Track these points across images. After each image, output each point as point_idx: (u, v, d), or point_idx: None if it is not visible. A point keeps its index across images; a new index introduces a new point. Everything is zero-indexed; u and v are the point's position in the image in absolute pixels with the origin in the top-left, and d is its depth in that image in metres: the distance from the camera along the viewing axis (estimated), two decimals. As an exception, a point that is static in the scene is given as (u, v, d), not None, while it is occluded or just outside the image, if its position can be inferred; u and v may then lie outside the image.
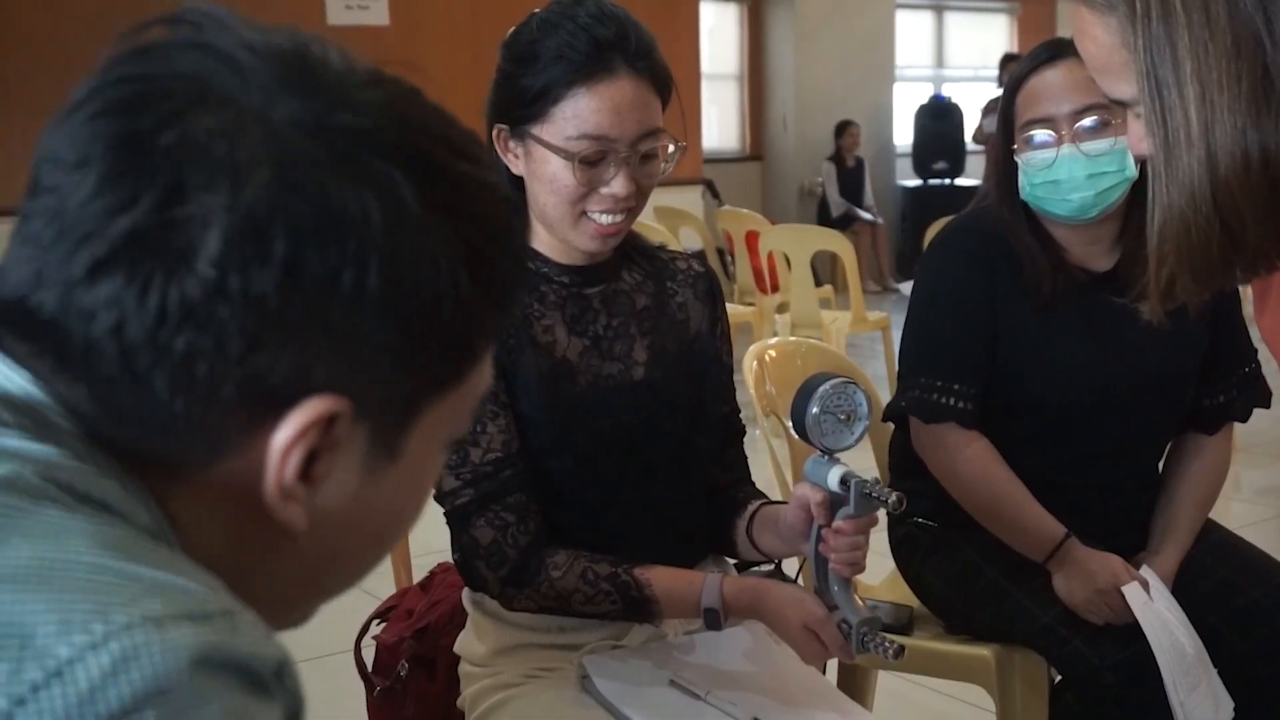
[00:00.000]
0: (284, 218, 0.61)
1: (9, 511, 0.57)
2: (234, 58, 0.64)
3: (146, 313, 0.60)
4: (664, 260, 1.78)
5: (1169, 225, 1.07)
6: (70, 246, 0.61)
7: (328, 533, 0.68)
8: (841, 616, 1.54)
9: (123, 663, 0.52)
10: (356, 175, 0.63)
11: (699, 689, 1.60)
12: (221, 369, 0.61)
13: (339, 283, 0.62)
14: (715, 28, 11.06)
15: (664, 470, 1.68)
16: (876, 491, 1.49)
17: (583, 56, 1.53)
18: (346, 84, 0.66)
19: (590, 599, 1.59)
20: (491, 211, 0.69)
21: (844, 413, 1.55)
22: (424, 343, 0.66)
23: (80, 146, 0.62)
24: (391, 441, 0.68)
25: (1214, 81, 1.01)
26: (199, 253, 0.60)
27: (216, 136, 0.61)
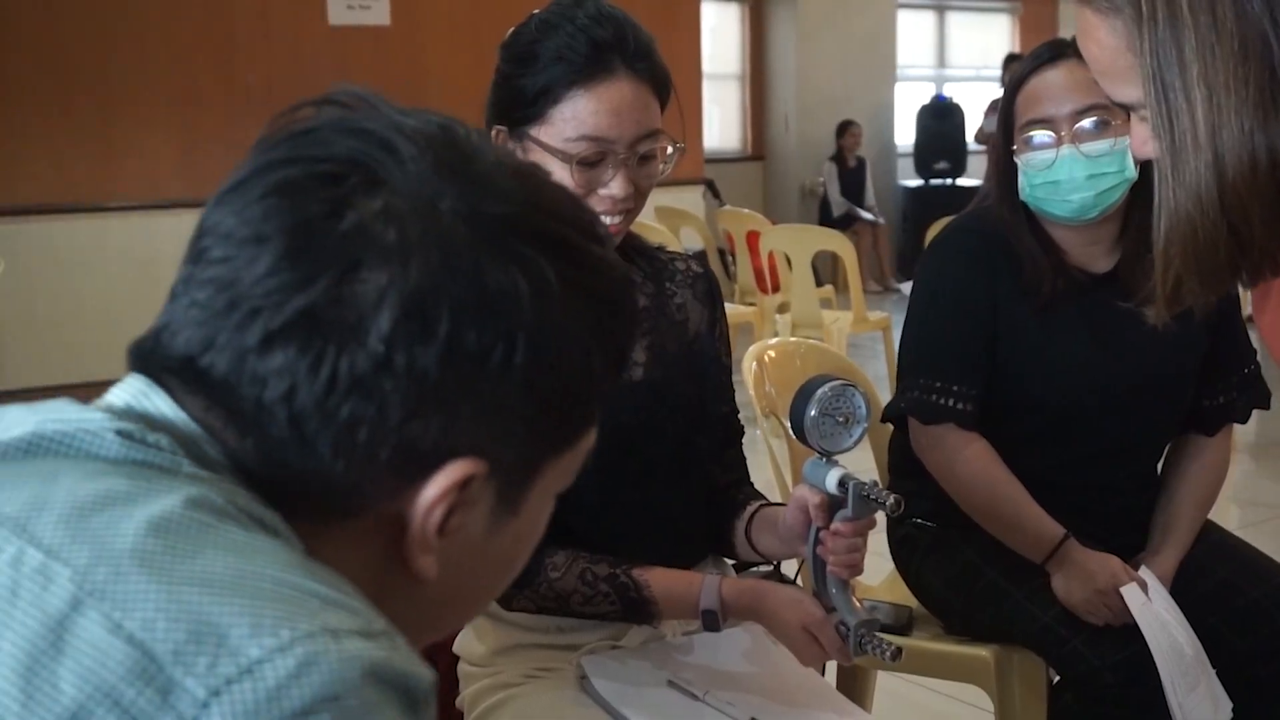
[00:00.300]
0: (447, 298, 0.66)
1: (202, 526, 0.63)
2: (390, 142, 0.69)
3: (317, 383, 0.65)
4: (663, 261, 1.78)
5: (1176, 229, 1.07)
6: (244, 317, 0.66)
7: (450, 578, 0.74)
8: (839, 618, 1.54)
9: (305, 667, 0.57)
10: (507, 258, 0.68)
11: (697, 689, 1.61)
12: (380, 435, 0.67)
13: (490, 358, 0.67)
14: (717, 27, 11.06)
15: (663, 471, 1.68)
16: (875, 494, 1.49)
17: (581, 58, 1.53)
18: (496, 174, 0.71)
19: (589, 600, 1.59)
20: (616, 289, 0.75)
21: (842, 415, 1.55)
22: (555, 411, 0.72)
23: (253, 224, 0.67)
24: (515, 498, 0.74)
25: (1221, 84, 1.01)
26: (370, 330, 0.65)
27: (387, 222, 0.67)
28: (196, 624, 0.58)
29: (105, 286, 6.81)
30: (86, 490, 0.64)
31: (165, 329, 0.70)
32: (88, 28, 6.79)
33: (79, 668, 0.57)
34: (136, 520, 0.62)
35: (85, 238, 6.78)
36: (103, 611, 0.59)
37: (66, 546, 0.61)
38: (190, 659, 0.57)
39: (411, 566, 0.71)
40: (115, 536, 0.62)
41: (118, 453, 0.67)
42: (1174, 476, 2.18)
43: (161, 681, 0.57)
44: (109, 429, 0.67)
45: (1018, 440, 2.10)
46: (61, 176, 6.76)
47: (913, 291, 2.22)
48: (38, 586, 0.60)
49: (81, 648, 0.58)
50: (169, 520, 0.63)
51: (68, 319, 6.74)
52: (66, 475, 0.65)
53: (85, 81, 6.77)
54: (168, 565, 0.61)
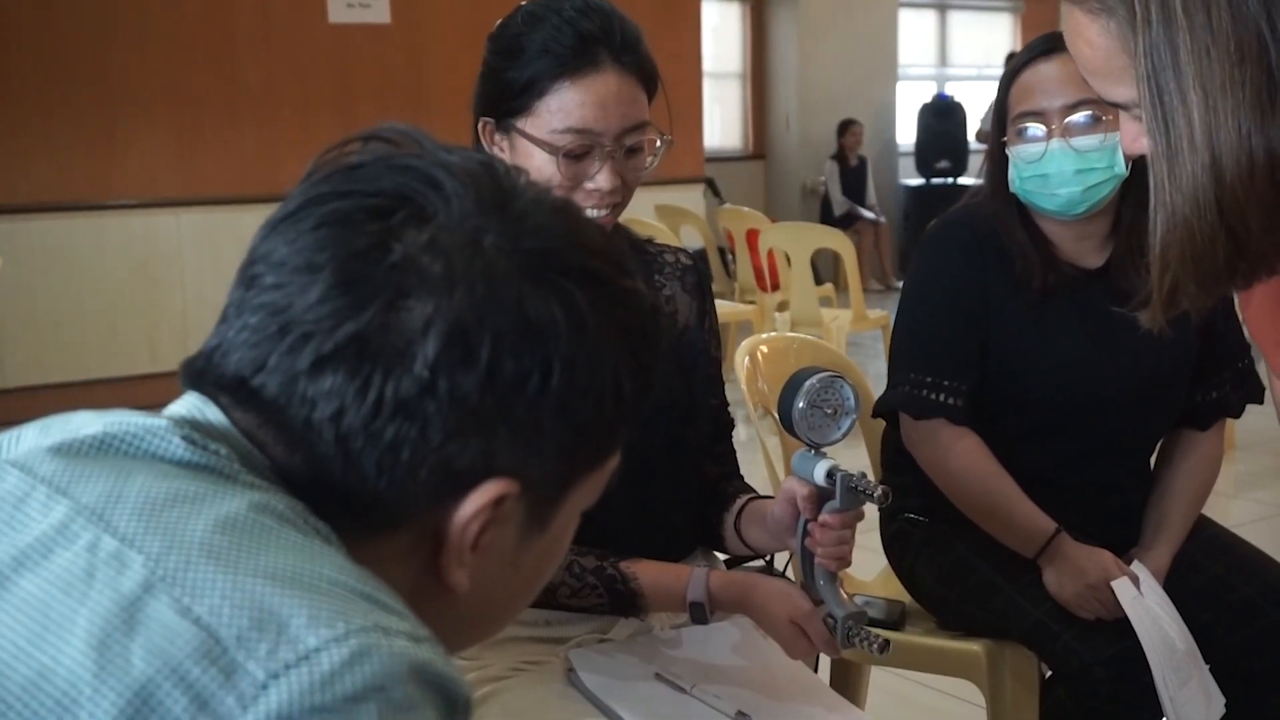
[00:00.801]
0: (489, 327, 0.70)
1: (265, 528, 0.68)
2: (435, 178, 0.74)
3: (364, 405, 0.70)
4: (652, 253, 1.78)
5: (1173, 232, 1.07)
6: (295, 340, 0.70)
7: (480, 592, 0.78)
8: (827, 611, 1.54)
9: (358, 657, 0.62)
10: (546, 290, 0.72)
11: (685, 683, 1.60)
12: (421, 455, 0.71)
13: (527, 384, 0.71)
14: (718, 26, 11.07)
15: (652, 464, 1.68)
16: (863, 485, 1.49)
17: (567, 50, 1.53)
18: (535, 211, 0.75)
19: (576, 592, 1.59)
20: (646, 320, 0.79)
21: (831, 407, 1.55)
22: (586, 434, 0.76)
23: (305, 253, 0.72)
24: (544, 515, 0.78)
25: (1217, 87, 1.00)
26: (416, 356, 0.69)
27: (434, 255, 0.71)
28: (260, 612, 0.63)
29: (105, 285, 6.81)
30: (159, 488, 0.69)
31: (217, 350, 0.74)
32: (87, 26, 6.79)
33: (150, 644, 0.62)
34: (205, 518, 0.67)
35: (84, 236, 6.78)
36: (173, 596, 0.63)
37: (140, 536, 0.66)
38: (253, 644, 0.62)
39: (446, 580, 0.75)
40: (186, 530, 0.66)
41: (182, 455, 0.71)
42: (1167, 472, 2.18)
43: (225, 662, 0.61)
44: (174, 433, 0.72)
45: (1012, 437, 2.10)
46: (61, 175, 6.76)
47: (905, 286, 2.22)
48: (113, 570, 0.65)
49: (153, 627, 0.62)
50: (235, 520, 0.67)
51: (67, 317, 6.74)
52: (140, 473, 0.70)
53: (85, 80, 6.76)
54: (234, 558, 0.65)
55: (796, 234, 6.40)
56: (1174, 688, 1.91)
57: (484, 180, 0.75)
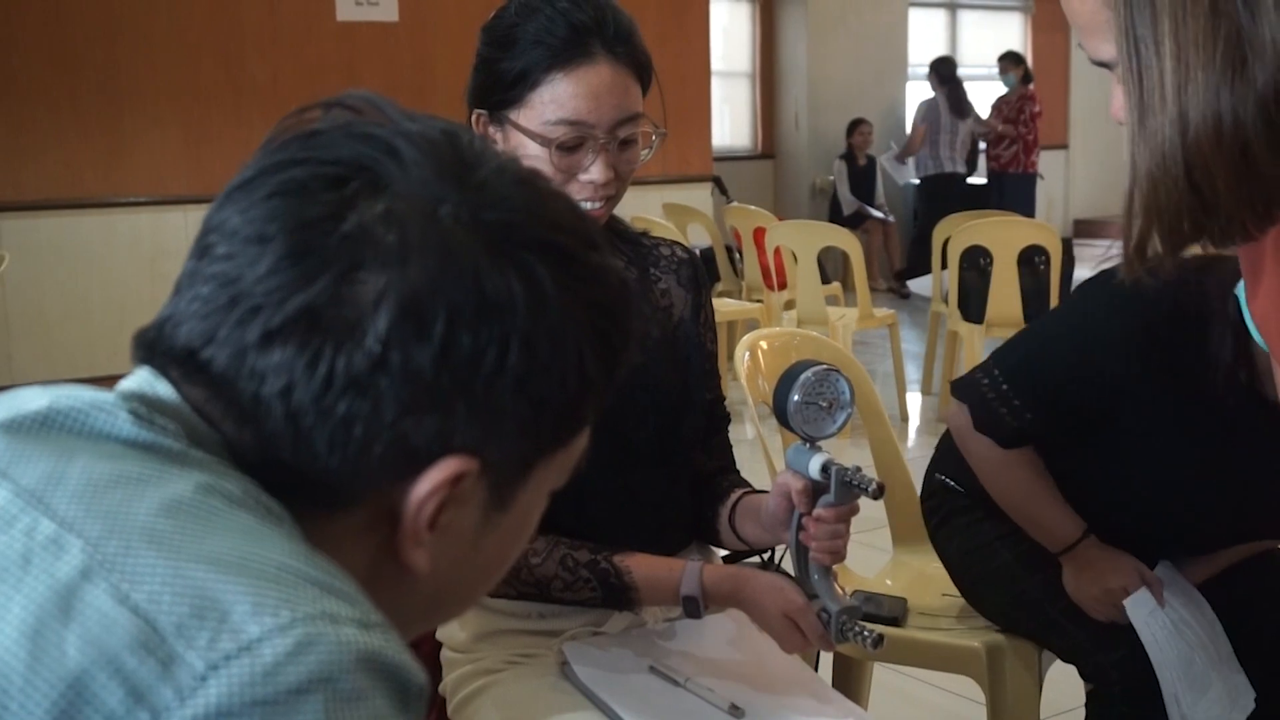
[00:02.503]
0: (444, 301, 0.68)
1: (212, 510, 0.65)
2: (394, 147, 0.71)
3: (314, 380, 0.67)
4: (647, 246, 1.77)
5: (1138, 185, 1.07)
6: (245, 313, 0.68)
7: (442, 573, 0.75)
8: (821, 605, 1.53)
9: (302, 647, 0.59)
10: (505, 264, 0.70)
11: (679, 676, 1.60)
12: (375, 432, 0.68)
13: (484, 360, 0.69)
14: (728, 26, 11.06)
15: (646, 457, 1.68)
16: (858, 480, 1.48)
17: (560, 41, 1.52)
18: (497, 181, 0.73)
19: (569, 585, 1.58)
20: (615, 296, 0.76)
21: (826, 400, 1.54)
22: (548, 412, 0.73)
23: (257, 223, 0.69)
24: (507, 495, 0.75)
25: (1190, 40, 1.00)
26: (368, 330, 0.67)
27: (388, 225, 0.68)
28: (201, 600, 0.60)
29: (113, 282, 6.83)
30: (102, 469, 0.66)
31: (168, 321, 0.72)
32: (95, 24, 6.80)
33: (85, 634, 0.59)
34: (149, 501, 0.65)
35: (93, 233, 6.80)
36: (111, 582, 0.61)
37: (80, 520, 0.64)
38: (192, 633, 0.59)
39: (403, 560, 0.73)
40: (128, 514, 0.64)
41: (129, 432, 0.69)
42: None
43: (164, 653, 0.59)
44: (121, 408, 0.70)
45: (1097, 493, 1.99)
46: (69, 172, 6.77)
47: (1068, 302, 2.08)
48: (50, 555, 0.62)
49: (89, 615, 0.60)
50: (181, 502, 0.65)
51: (75, 314, 6.76)
52: (83, 453, 0.68)
53: (93, 78, 6.78)
54: (177, 543, 0.63)
55: (803, 232, 6.38)
56: (1188, 703, 1.88)
57: (444, 149, 0.73)
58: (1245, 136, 1.01)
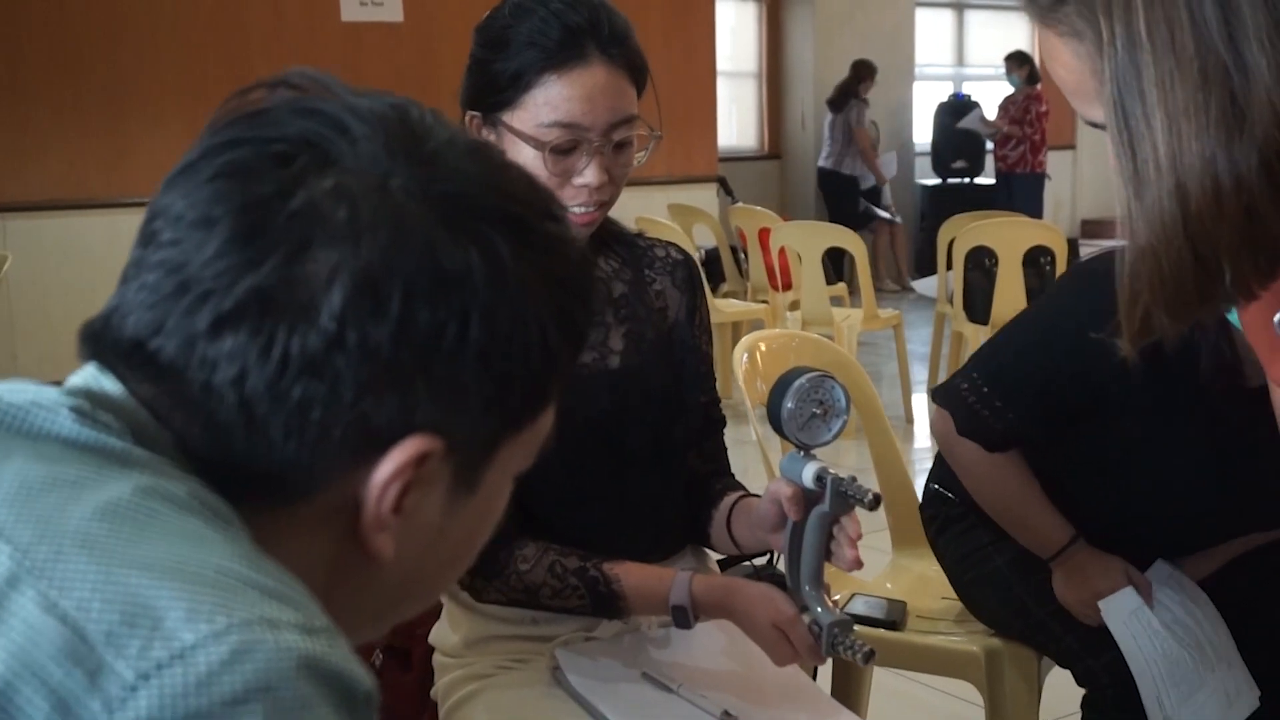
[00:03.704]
0: (399, 276, 0.66)
1: (151, 513, 0.62)
2: (342, 122, 0.69)
3: (269, 364, 0.65)
4: (642, 248, 1.76)
5: (1140, 260, 1.05)
6: (193, 300, 0.66)
7: (410, 559, 0.73)
8: (813, 617, 1.50)
9: (239, 655, 0.56)
10: (461, 236, 0.68)
11: (671, 683, 1.59)
12: (333, 414, 0.66)
13: (444, 336, 0.67)
14: (735, 26, 11.04)
15: (640, 460, 1.66)
16: (853, 490, 1.44)
17: (554, 43, 1.51)
18: (449, 153, 0.71)
19: (558, 593, 1.57)
20: (574, 268, 0.75)
21: (821, 408, 1.52)
22: (510, 387, 0.71)
23: (201, 206, 0.67)
24: (472, 476, 0.73)
25: (1180, 111, 0.99)
26: (321, 309, 0.65)
27: (337, 201, 0.66)
28: (132, 606, 0.58)
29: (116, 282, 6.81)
30: (37, 471, 0.64)
31: (115, 312, 0.70)
32: (99, 24, 6.80)
33: (9, 644, 0.57)
34: (85, 505, 0.62)
35: (97, 233, 6.79)
36: (39, 590, 0.58)
37: (10, 525, 0.61)
38: (123, 641, 0.56)
39: (368, 546, 0.71)
40: (61, 518, 0.61)
41: (70, 431, 0.66)
42: None
43: (92, 663, 0.56)
44: (63, 406, 0.67)
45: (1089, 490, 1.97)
46: (73, 172, 6.77)
47: (1044, 299, 2.07)
48: None
49: (14, 624, 0.57)
50: (117, 506, 0.62)
51: (79, 314, 6.49)
52: (19, 454, 0.65)
53: (97, 78, 6.78)
54: (110, 548, 0.60)
55: (808, 233, 6.37)
56: (1172, 705, 1.87)
57: (394, 123, 0.71)
58: (1250, 197, 1.00)
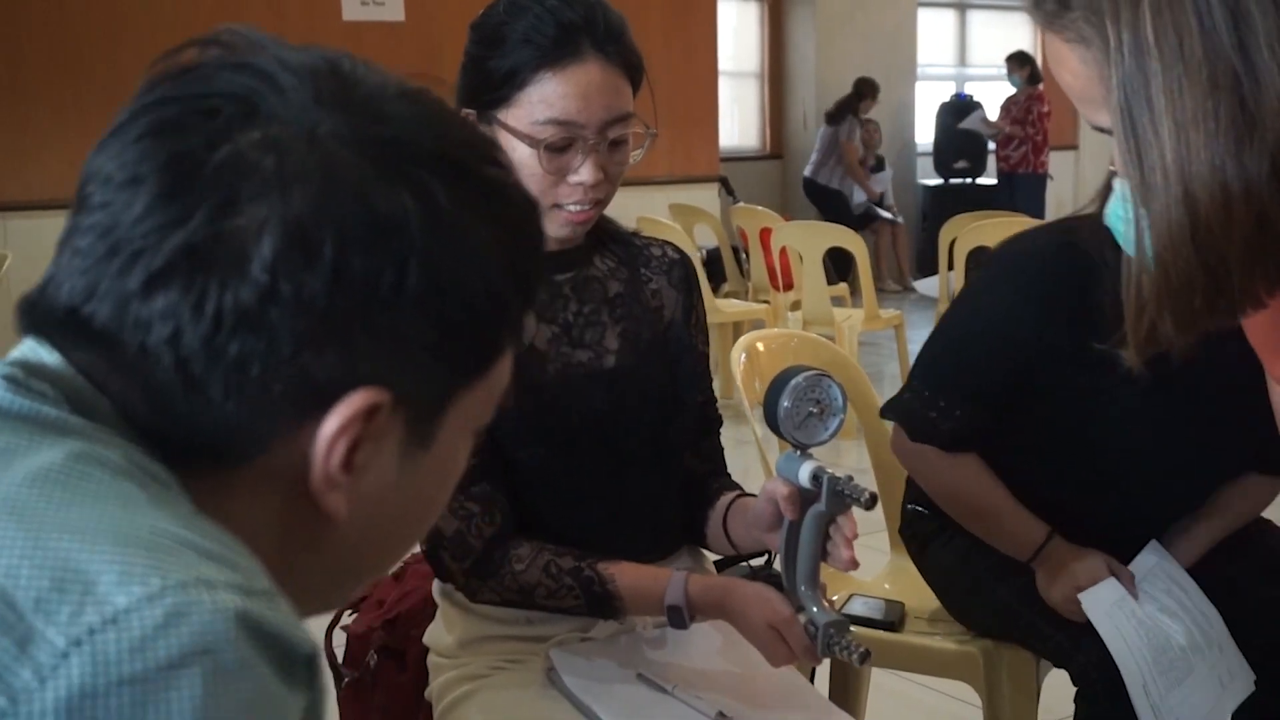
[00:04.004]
0: (331, 223, 0.65)
1: (83, 477, 0.61)
2: (272, 75, 0.68)
3: (202, 321, 0.64)
4: (638, 246, 1.75)
5: (1147, 269, 1.04)
6: (124, 262, 0.64)
7: (366, 519, 0.72)
8: (808, 617, 1.50)
9: (175, 617, 0.54)
10: (395, 182, 0.67)
11: (667, 683, 1.58)
12: (273, 369, 0.65)
13: (381, 282, 0.66)
14: (737, 26, 11.04)
15: (637, 460, 1.66)
16: (849, 489, 1.43)
17: (549, 40, 1.50)
18: (380, 98, 0.70)
19: (553, 593, 1.56)
20: (516, 211, 0.73)
21: (818, 406, 1.51)
22: (457, 335, 0.70)
23: (129, 166, 0.66)
24: (426, 430, 0.71)
25: (1189, 118, 0.98)
26: (252, 260, 0.63)
27: (264, 151, 0.65)
28: (62, 571, 0.56)
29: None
30: None
31: (50, 282, 0.68)
32: (99, 24, 6.80)
33: None
34: (15, 472, 0.61)
35: (97, 232, 6.80)
36: None
37: None
38: (53, 607, 0.55)
39: (320, 507, 0.69)
40: None
41: (2, 400, 0.65)
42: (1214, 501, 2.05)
43: (21, 631, 0.54)
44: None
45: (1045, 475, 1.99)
46: (73, 172, 6.45)
47: (961, 292, 2.10)
48: None
49: None
50: (49, 471, 0.61)
51: None
52: None
53: (97, 78, 6.77)
54: (40, 513, 0.59)
55: (809, 233, 6.37)
56: (1158, 694, 1.85)
57: (324, 73, 0.69)
58: (1260, 205, 0.99)
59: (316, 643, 0.62)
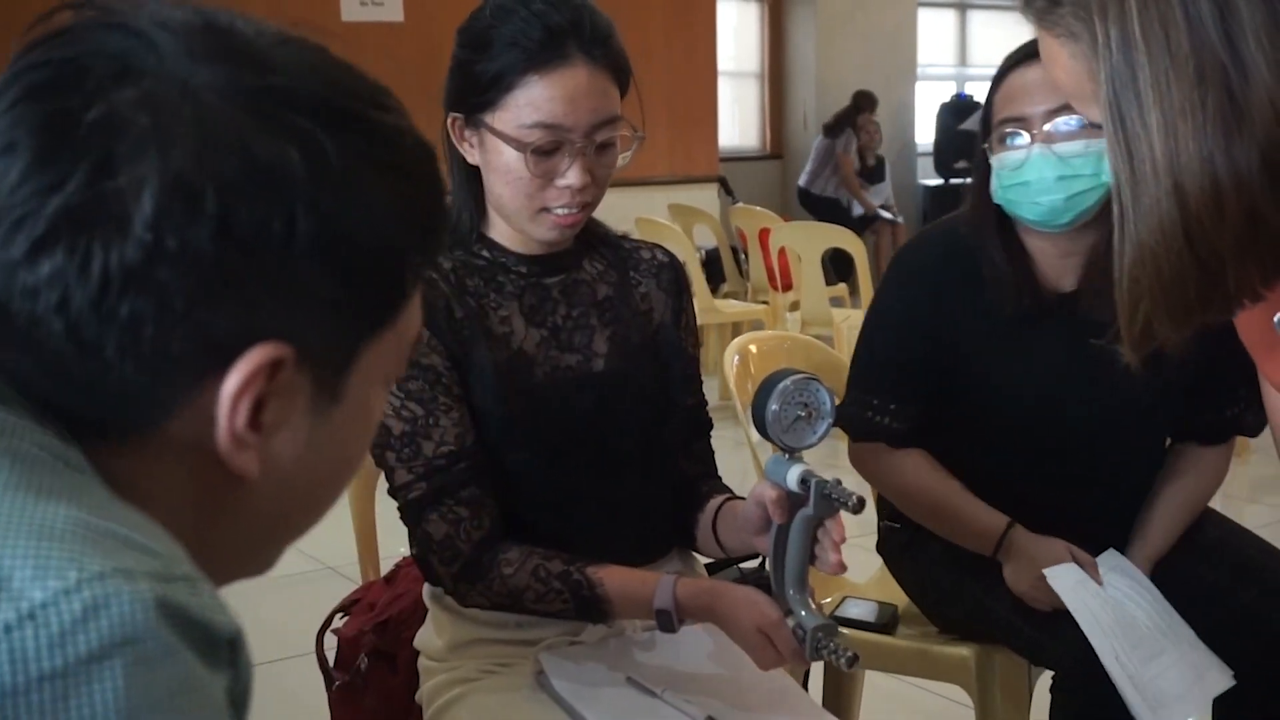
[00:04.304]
0: (211, 176, 0.63)
1: None
2: (146, 33, 0.67)
3: (90, 284, 0.62)
4: (627, 250, 1.75)
5: (1139, 265, 1.04)
6: (7, 231, 0.63)
7: (283, 478, 0.71)
8: (797, 621, 1.49)
9: (94, 609, 0.54)
10: (276, 130, 0.66)
11: (656, 687, 1.57)
12: (167, 328, 0.64)
13: (269, 232, 0.65)
14: (737, 26, 11.03)
15: (626, 463, 1.66)
16: (837, 493, 1.43)
17: (536, 43, 1.50)
18: (256, 46, 0.69)
19: (541, 597, 1.56)
20: (409, 157, 0.72)
21: (806, 410, 1.51)
22: (356, 284, 0.69)
23: (4, 133, 0.65)
24: (334, 383, 0.71)
25: (1177, 110, 0.98)
26: (134, 218, 0.62)
27: (139, 108, 0.64)
28: None
29: None
30: None
31: None
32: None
33: None
34: None
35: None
36: None
37: None
38: None
39: (231, 468, 0.68)
40: None
41: None
42: (1161, 483, 2.09)
43: None
44: None
45: (986, 462, 2.04)
46: None
47: (870, 304, 2.18)
48: None
49: None
50: None
51: None
52: None
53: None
54: None
55: (807, 233, 6.37)
56: (1135, 666, 1.84)
57: (199, 28, 0.68)
58: (1250, 198, 0.99)
59: (238, 624, 0.62)
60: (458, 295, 1.60)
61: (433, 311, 1.57)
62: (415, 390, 1.55)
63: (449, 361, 1.57)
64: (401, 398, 1.55)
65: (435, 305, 1.57)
